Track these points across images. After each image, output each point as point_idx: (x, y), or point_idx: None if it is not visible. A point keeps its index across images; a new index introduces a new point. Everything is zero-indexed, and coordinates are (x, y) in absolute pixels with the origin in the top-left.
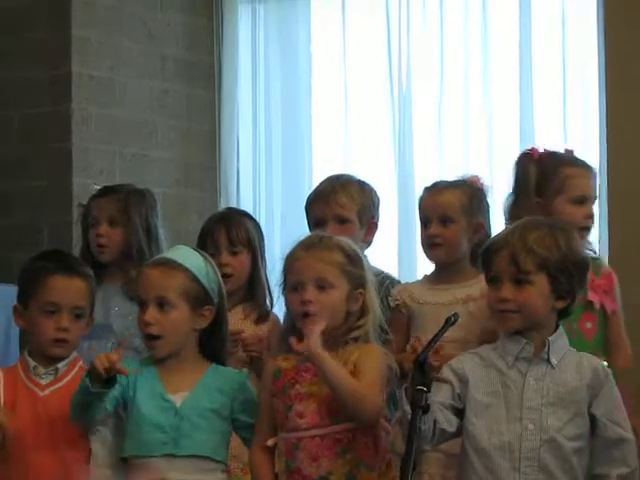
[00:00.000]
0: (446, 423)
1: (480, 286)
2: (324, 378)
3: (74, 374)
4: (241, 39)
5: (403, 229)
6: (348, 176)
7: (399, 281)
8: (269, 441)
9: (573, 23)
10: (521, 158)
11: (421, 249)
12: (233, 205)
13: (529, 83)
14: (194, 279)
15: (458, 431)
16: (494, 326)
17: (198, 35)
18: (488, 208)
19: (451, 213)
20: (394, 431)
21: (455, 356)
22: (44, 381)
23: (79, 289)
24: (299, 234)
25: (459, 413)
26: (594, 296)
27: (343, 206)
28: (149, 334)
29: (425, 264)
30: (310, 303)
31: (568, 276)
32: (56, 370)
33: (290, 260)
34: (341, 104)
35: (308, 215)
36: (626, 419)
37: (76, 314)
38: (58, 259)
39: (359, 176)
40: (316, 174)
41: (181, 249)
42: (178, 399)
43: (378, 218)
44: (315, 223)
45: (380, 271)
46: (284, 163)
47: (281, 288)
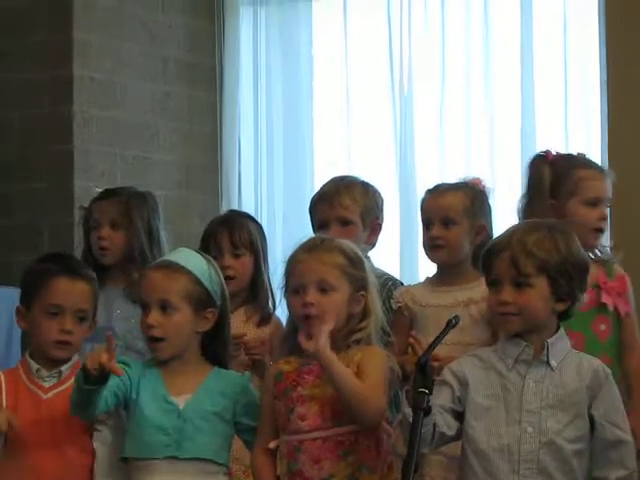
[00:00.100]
0: (445, 427)
1: (481, 289)
2: (330, 378)
3: None
4: (242, 41)
5: (405, 231)
6: (352, 177)
7: (402, 283)
8: (271, 444)
9: (574, 25)
10: (535, 160)
11: (423, 251)
12: (235, 207)
13: (530, 85)
14: (197, 282)
15: (457, 435)
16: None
17: (199, 37)
18: (490, 210)
19: (453, 215)
20: (395, 433)
21: (454, 358)
22: (47, 384)
23: (83, 292)
24: (301, 236)
25: (459, 416)
26: (607, 298)
27: (346, 208)
28: (152, 337)
29: (427, 266)
30: (312, 306)
31: (568, 278)
32: (59, 373)
33: (292, 263)
34: (342, 106)
35: (312, 217)
36: (625, 421)
37: (79, 317)
38: (62, 261)
39: (363, 177)
40: (317, 176)
41: (184, 252)
42: (181, 401)
43: (382, 219)
44: (319, 225)
45: (383, 273)
46: (285, 165)
47: (283, 291)
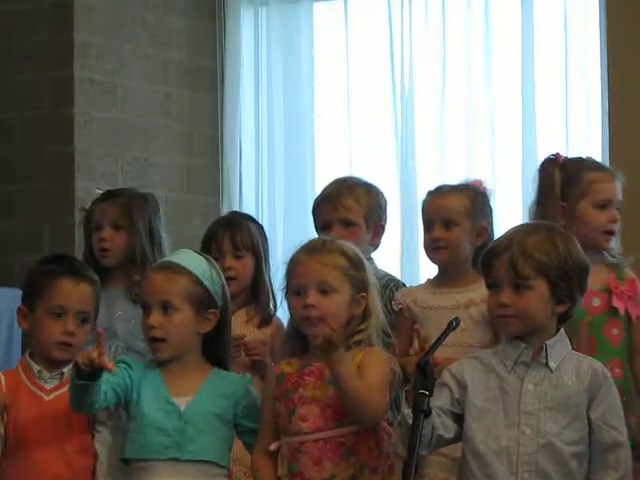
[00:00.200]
0: (443, 429)
1: (482, 290)
2: (336, 377)
3: None
4: (244, 43)
5: (406, 232)
6: (355, 179)
7: (404, 284)
8: (272, 445)
9: (575, 25)
10: (545, 163)
11: (424, 253)
12: (236, 208)
13: (531, 86)
14: (198, 282)
15: (456, 437)
16: (491, 341)
17: (201, 39)
18: (491, 211)
19: (454, 216)
20: (396, 434)
21: (455, 359)
22: (49, 385)
23: (86, 294)
24: (302, 238)
25: (458, 418)
26: (619, 302)
27: (349, 209)
28: (153, 337)
29: (428, 268)
30: (312, 307)
31: (567, 280)
32: (61, 374)
33: (292, 264)
34: (343, 107)
35: (315, 218)
36: (623, 424)
37: (82, 319)
38: (66, 263)
39: (365, 178)
40: (318, 177)
41: (185, 253)
42: (182, 403)
43: (385, 221)
44: (322, 226)
45: (385, 274)
46: (287, 167)
47: (284, 292)
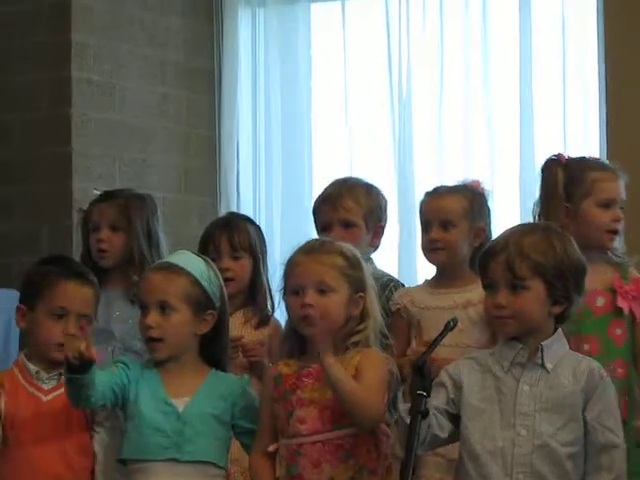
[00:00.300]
0: (438, 428)
1: (480, 291)
2: (328, 382)
3: None
4: (241, 43)
5: (403, 233)
6: (355, 179)
7: (403, 284)
8: (270, 447)
9: (573, 28)
10: (548, 163)
11: (421, 254)
12: (233, 209)
13: (529, 88)
14: (196, 283)
15: (451, 437)
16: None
17: (198, 39)
18: (489, 212)
19: (452, 217)
20: (394, 435)
21: (452, 360)
22: (47, 386)
23: (88, 297)
24: (299, 238)
25: (454, 418)
26: (623, 302)
27: (349, 210)
28: (150, 337)
29: (425, 269)
30: (310, 307)
31: (564, 281)
32: (59, 375)
33: (290, 265)
34: (341, 108)
35: (315, 219)
36: (619, 425)
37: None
38: (67, 265)
39: (366, 179)
40: (316, 178)
41: (183, 254)
42: (180, 404)
43: (385, 221)
44: (322, 227)
45: (384, 274)
46: (284, 167)
47: (281, 293)
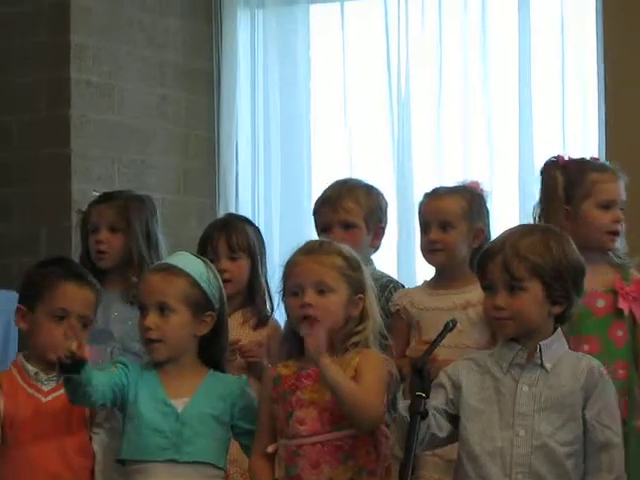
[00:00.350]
0: (437, 428)
1: (479, 291)
2: (327, 385)
3: None
4: (240, 45)
5: (402, 235)
6: (355, 180)
7: (403, 285)
8: (269, 448)
9: (572, 28)
10: (547, 166)
11: (420, 255)
12: (232, 210)
13: (528, 88)
14: (195, 284)
15: (449, 437)
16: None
17: (197, 41)
18: (488, 213)
19: (451, 218)
20: (394, 436)
21: (452, 361)
22: (46, 387)
23: (89, 299)
24: (298, 240)
25: (452, 419)
26: (623, 303)
27: (349, 211)
28: (149, 339)
29: (424, 270)
30: (310, 306)
31: (562, 282)
32: (59, 376)
33: (290, 265)
34: (340, 109)
35: (315, 220)
36: (618, 424)
37: (82, 323)
38: (68, 266)
39: (366, 180)
40: (315, 179)
41: (182, 255)
42: (179, 404)
43: (386, 223)
44: (322, 228)
45: (384, 275)
46: (283, 169)
47: (281, 294)
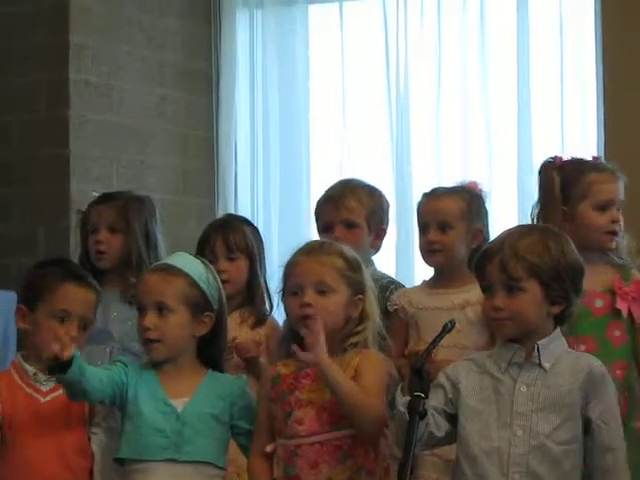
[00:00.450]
0: (435, 427)
1: (478, 291)
2: (329, 387)
3: None
4: (239, 45)
5: (401, 235)
6: (358, 181)
7: (403, 286)
8: (268, 447)
9: (571, 29)
10: (544, 166)
11: (419, 255)
12: (231, 211)
13: (527, 88)
14: (194, 285)
15: (447, 436)
16: (487, 342)
17: (196, 41)
18: (486, 214)
19: (450, 219)
20: (393, 435)
21: (451, 361)
22: (45, 387)
23: (90, 301)
24: (297, 240)
25: (451, 418)
26: (622, 303)
27: (352, 210)
28: (147, 339)
29: (423, 270)
30: (309, 306)
31: (560, 282)
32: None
33: (290, 265)
34: (339, 109)
35: (317, 219)
36: (620, 424)
37: (82, 325)
38: (69, 267)
39: (369, 181)
40: (314, 179)
41: (181, 256)
42: (179, 404)
43: (387, 224)
44: (324, 227)
45: (385, 275)
46: (282, 169)
47: (280, 294)
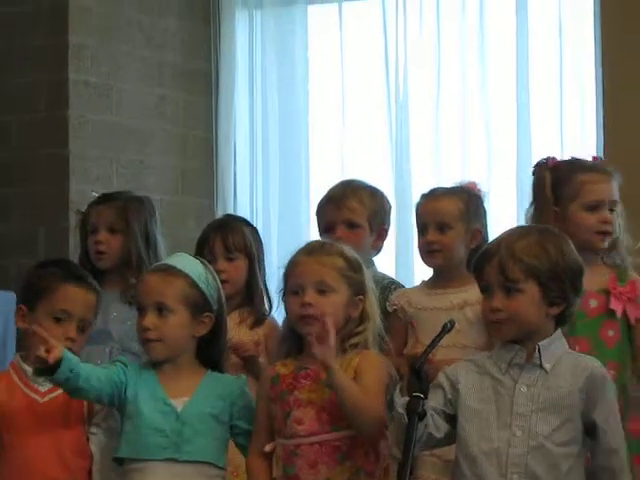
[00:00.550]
0: (434, 428)
1: (477, 291)
2: (332, 388)
3: None
4: (238, 45)
5: (400, 235)
6: (360, 181)
7: (404, 287)
8: (267, 447)
9: (570, 31)
10: (537, 167)
11: (418, 255)
12: (230, 211)
13: (526, 89)
14: (194, 285)
15: (446, 438)
16: (487, 342)
17: (195, 41)
18: (485, 214)
19: (448, 219)
20: (392, 436)
21: (449, 361)
22: (43, 388)
23: (90, 302)
24: (296, 240)
25: (450, 419)
26: (616, 304)
27: (354, 210)
28: (147, 339)
29: (422, 271)
30: (310, 306)
31: (559, 282)
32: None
33: (291, 265)
34: (338, 110)
35: (319, 219)
36: (620, 425)
37: (82, 326)
38: (70, 268)
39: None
40: (313, 180)
41: (181, 256)
42: (178, 404)
43: (389, 225)
44: (325, 227)
45: (386, 276)
46: (281, 169)
47: (281, 294)
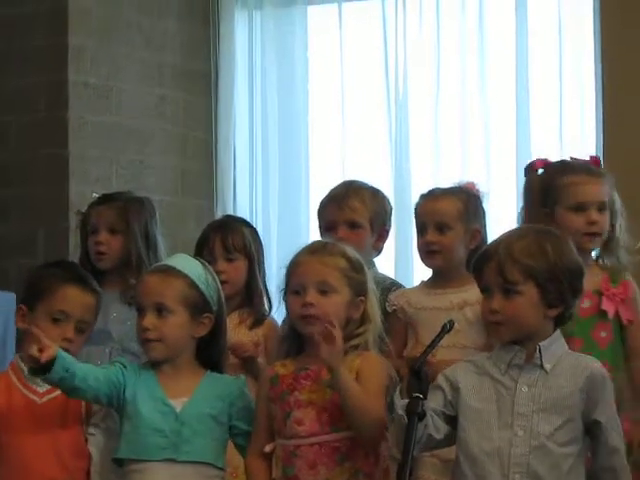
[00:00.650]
0: (434, 429)
1: (476, 291)
2: (336, 389)
3: None
4: (238, 46)
5: (400, 236)
6: (361, 182)
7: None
8: (266, 447)
9: (570, 30)
10: (526, 169)
11: (417, 256)
12: (230, 212)
13: (525, 89)
14: (193, 286)
15: (446, 439)
16: (486, 342)
17: (195, 42)
18: (484, 214)
19: (447, 220)
20: (392, 437)
21: (449, 362)
22: (41, 389)
23: (90, 304)
24: (296, 241)
25: (450, 420)
26: (608, 304)
27: (355, 211)
28: (146, 339)
29: (422, 271)
30: (311, 306)
31: (558, 284)
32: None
33: (293, 265)
34: (338, 110)
35: (320, 219)
36: (620, 425)
37: (81, 327)
38: (71, 270)
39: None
40: (313, 180)
41: (181, 257)
42: (178, 404)
43: (390, 226)
44: (326, 227)
45: (387, 277)
46: (281, 170)
47: (282, 294)
